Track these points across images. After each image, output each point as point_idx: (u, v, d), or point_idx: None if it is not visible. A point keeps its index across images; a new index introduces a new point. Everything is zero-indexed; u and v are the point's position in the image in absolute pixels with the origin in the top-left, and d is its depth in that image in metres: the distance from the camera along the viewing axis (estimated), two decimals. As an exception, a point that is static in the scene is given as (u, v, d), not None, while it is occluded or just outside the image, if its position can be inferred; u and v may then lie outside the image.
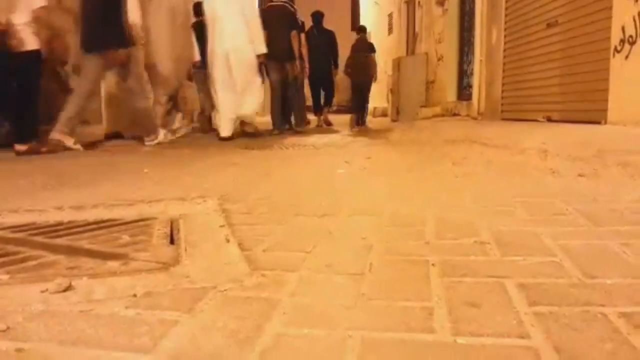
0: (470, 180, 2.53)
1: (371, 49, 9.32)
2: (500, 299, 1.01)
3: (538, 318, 0.92)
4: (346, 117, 8.96)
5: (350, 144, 5.30)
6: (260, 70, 6.11)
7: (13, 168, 3.65)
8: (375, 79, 9.42)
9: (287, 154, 4.28)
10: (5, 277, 1.20)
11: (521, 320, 0.91)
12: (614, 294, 1.02)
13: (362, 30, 9.72)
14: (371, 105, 11.37)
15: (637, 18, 4.06)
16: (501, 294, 1.04)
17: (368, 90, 9.21)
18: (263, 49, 5.98)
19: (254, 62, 5.96)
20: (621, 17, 4.26)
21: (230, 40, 5.77)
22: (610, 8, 4.43)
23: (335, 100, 10.54)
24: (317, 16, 9.18)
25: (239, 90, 5.85)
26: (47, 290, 1.09)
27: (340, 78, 10.45)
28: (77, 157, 4.36)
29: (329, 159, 3.85)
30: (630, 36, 4.14)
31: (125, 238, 1.53)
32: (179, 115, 6.97)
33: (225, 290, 1.10)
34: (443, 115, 8.98)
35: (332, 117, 9.82)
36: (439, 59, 9.81)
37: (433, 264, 1.23)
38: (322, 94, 9.64)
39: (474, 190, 2.18)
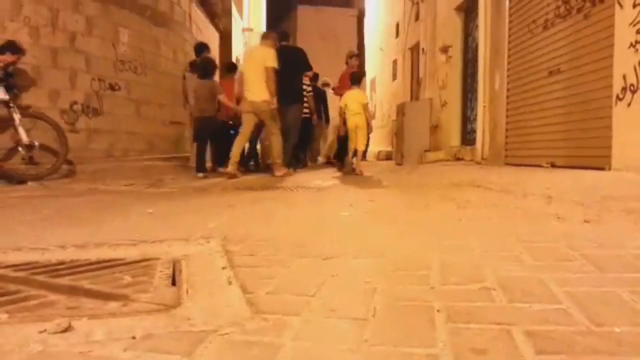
0: (474, 224, 2.52)
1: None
2: (507, 347, 0.99)
3: (546, 367, 0.90)
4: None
5: (354, 186, 5.31)
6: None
7: (21, 202, 3.66)
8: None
9: (291, 196, 4.29)
10: (4, 316, 1.19)
11: (528, 369, 0.89)
12: (624, 342, 1.00)
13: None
14: (376, 148, 13.54)
15: (637, 67, 4.13)
16: (507, 341, 1.02)
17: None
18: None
19: None
20: (622, 65, 4.34)
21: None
22: (612, 56, 4.51)
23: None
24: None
25: None
26: (45, 330, 1.08)
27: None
28: (85, 194, 4.38)
29: (333, 202, 3.86)
30: (632, 84, 4.21)
31: (127, 278, 1.52)
32: None
33: (226, 333, 1.08)
34: (447, 160, 9.02)
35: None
36: (442, 105, 9.94)
37: (438, 310, 1.21)
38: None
39: (479, 234, 2.16)
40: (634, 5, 4.20)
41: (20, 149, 5.71)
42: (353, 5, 28.07)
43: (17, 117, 5.68)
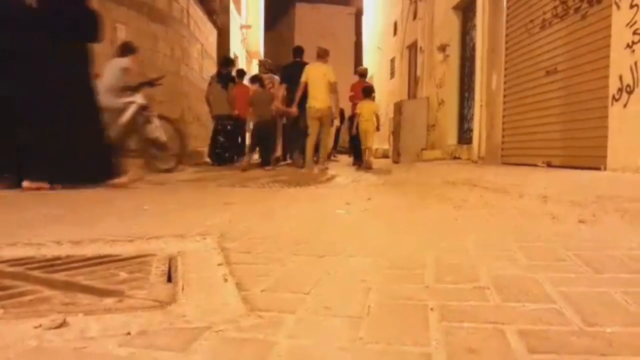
0: (470, 223, 2.53)
1: None
2: (500, 346, 1.00)
3: (538, 366, 0.90)
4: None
5: (351, 184, 5.32)
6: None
7: (19, 200, 3.66)
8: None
9: (288, 193, 4.29)
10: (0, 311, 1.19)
11: (521, 368, 0.90)
12: (615, 342, 1.01)
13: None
14: (373, 146, 13.77)
15: (634, 68, 4.14)
16: (501, 340, 1.02)
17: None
18: None
19: None
20: (619, 66, 4.36)
21: None
22: (608, 57, 4.53)
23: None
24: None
25: None
26: (40, 326, 1.08)
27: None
28: (83, 190, 4.38)
29: (330, 200, 3.86)
30: (628, 85, 4.22)
31: (123, 275, 1.52)
32: None
33: (220, 330, 1.08)
34: (444, 159, 9.04)
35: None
36: (439, 103, 9.96)
37: (432, 309, 1.21)
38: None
39: (474, 234, 2.17)
40: (631, 6, 4.22)
41: (154, 147, 6.63)
42: (351, 3, 28.07)
43: (155, 119, 6.58)
